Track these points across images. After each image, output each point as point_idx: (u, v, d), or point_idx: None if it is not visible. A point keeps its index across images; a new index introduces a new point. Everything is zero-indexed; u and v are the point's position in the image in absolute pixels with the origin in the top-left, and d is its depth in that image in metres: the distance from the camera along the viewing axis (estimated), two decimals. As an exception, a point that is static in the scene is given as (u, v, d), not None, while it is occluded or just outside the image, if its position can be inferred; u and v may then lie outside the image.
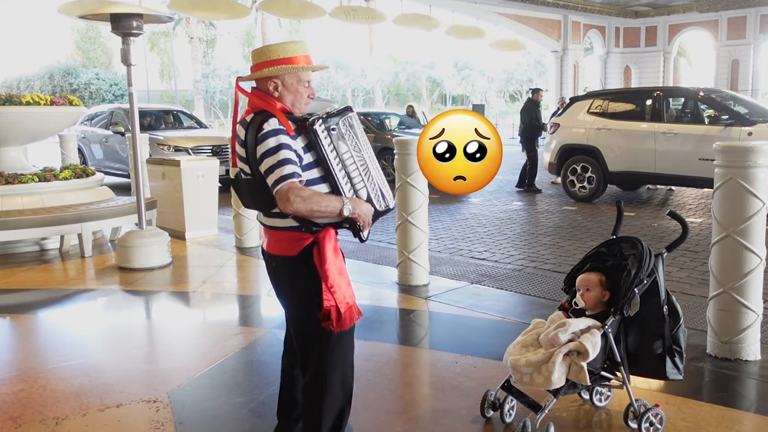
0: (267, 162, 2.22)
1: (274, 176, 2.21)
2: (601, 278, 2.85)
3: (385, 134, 13.40)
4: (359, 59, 48.95)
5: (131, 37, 5.70)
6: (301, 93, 2.40)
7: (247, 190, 2.41)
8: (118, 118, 13.20)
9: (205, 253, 6.74)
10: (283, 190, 2.19)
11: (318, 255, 2.33)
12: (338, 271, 2.36)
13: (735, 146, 3.53)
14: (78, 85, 39.82)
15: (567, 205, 9.77)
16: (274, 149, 2.22)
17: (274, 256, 2.43)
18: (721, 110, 9.19)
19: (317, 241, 2.33)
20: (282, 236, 2.37)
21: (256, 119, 2.29)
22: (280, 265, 2.43)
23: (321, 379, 2.40)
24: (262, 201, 2.34)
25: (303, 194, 2.21)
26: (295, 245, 2.35)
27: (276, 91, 2.37)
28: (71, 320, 4.78)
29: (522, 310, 4.69)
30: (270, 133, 2.23)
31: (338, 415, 2.44)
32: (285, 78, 2.37)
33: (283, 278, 2.46)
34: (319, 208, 2.23)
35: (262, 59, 2.37)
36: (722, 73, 27.18)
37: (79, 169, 7.49)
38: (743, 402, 3.20)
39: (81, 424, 3.01)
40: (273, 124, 2.25)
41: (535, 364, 2.63)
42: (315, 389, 2.42)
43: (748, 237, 3.46)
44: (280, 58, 2.35)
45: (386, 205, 2.46)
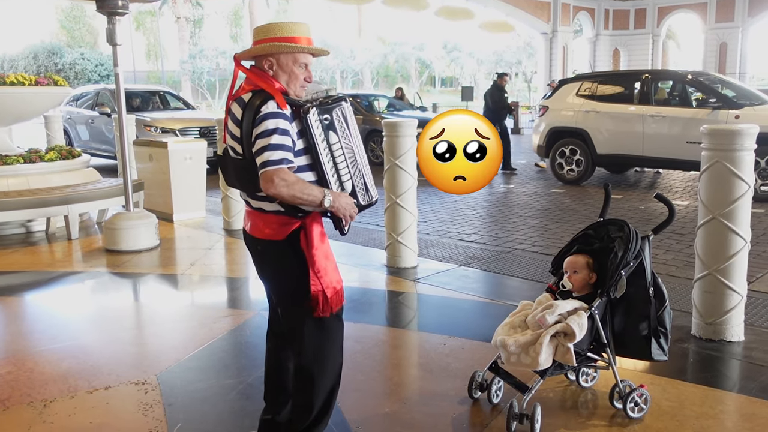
0: (259, 143, 2.20)
1: (263, 158, 2.18)
2: (588, 260, 2.87)
3: (374, 116, 13.35)
4: (348, 40, 48.66)
5: (117, 17, 5.62)
6: (297, 74, 2.35)
7: (234, 170, 2.38)
8: (104, 99, 13.05)
9: (193, 236, 6.72)
10: (269, 172, 2.17)
11: (305, 239, 2.32)
12: (325, 256, 2.35)
13: (721, 129, 3.55)
14: (63, 65, 39.31)
15: (555, 188, 9.81)
16: (270, 132, 2.19)
17: (259, 240, 2.40)
18: (708, 93, 9.22)
19: (304, 226, 2.32)
20: (268, 219, 2.35)
21: (254, 100, 2.25)
22: (265, 249, 2.41)
23: (311, 362, 2.40)
24: (250, 182, 2.31)
25: (288, 179, 2.18)
26: (282, 229, 2.33)
27: (270, 70, 2.33)
28: (58, 303, 4.76)
29: (510, 292, 4.72)
30: (268, 116, 2.20)
31: (327, 397, 2.45)
32: (280, 57, 2.33)
33: (269, 262, 2.44)
34: (301, 195, 2.21)
35: (262, 36, 2.34)
36: (710, 56, 27.27)
37: (65, 151, 7.41)
38: (726, 382, 3.25)
39: (69, 407, 3.01)
40: (271, 106, 2.21)
41: (523, 345, 2.65)
42: (305, 372, 2.42)
43: (733, 219, 3.49)
44: (278, 36, 2.31)
45: (370, 199, 2.46)
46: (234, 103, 2.33)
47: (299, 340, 2.41)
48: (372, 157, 13.01)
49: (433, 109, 21.37)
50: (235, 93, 2.36)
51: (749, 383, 3.16)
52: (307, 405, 2.42)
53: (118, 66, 5.82)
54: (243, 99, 2.29)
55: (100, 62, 39.58)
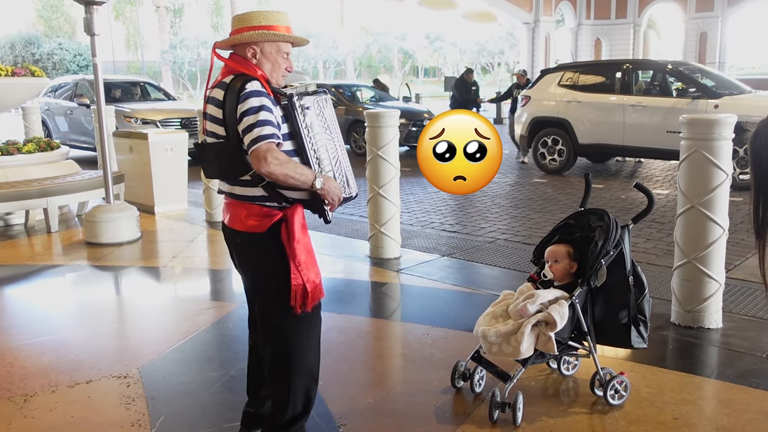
0: (247, 120, 2.17)
1: (253, 135, 2.15)
2: (569, 250, 2.89)
3: (357, 107, 13.31)
4: (330, 30, 48.36)
5: (94, 6, 5.54)
6: (279, 63, 2.36)
7: (216, 155, 2.34)
8: (83, 90, 12.88)
9: (175, 228, 6.67)
10: (262, 149, 2.14)
11: (286, 232, 2.30)
12: (306, 249, 2.34)
13: (700, 119, 3.58)
14: (41, 55, 38.70)
15: (537, 178, 9.86)
16: (256, 108, 2.17)
17: (239, 233, 2.37)
18: (688, 83, 9.29)
19: (286, 218, 2.30)
20: (249, 211, 2.32)
21: (236, 81, 2.23)
22: (246, 242, 2.38)
23: (286, 358, 2.38)
24: (233, 166, 2.28)
25: (280, 157, 2.17)
26: (263, 221, 2.31)
27: (254, 58, 2.32)
28: (38, 297, 4.71)
29: (492, 282, 4.75)
30: (253, 93, 2.19)
31: (306, 392, 2.43)
32: (264, 45, 2.32)
33: (249, 255, 2.41)
34: (294, 174, 2.20)
35: (243, 24, 2.32)
36: (690, 46, 27.46)
37: (44, 143, 7.31)
38: (705, 369, 3.30)
39: (50, 401, 2.98)
40: (256, 85, 2.21)
41: (504, 334, 2.67)
42: (280, 368, 2.40)
43: (711, 208, 3.53)
44: (261, 24, 2.30)
45: (350, 193, 2.46)
46: (215, 88, 2.31)
47: (277, 334, 2.39)
48: (355, 148, 12.98)
49: (416, 100, 21.34)
50: (216, 80, 2.34)
51: (727, 369, 3.21)
52: (286, 398, 2.41)
53: (96, 56, 5.75)
54: (224, 82, 2.28)
55: (78, 52, 39.01)
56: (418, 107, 14.96)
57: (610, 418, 2.76)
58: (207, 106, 2.34)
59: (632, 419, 2.73)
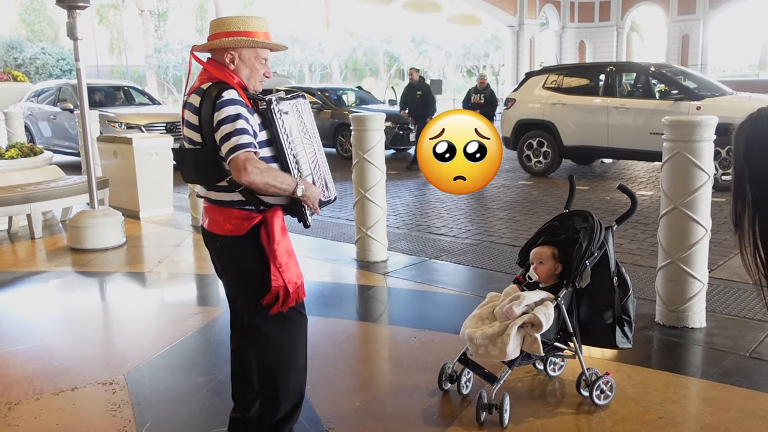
0: (224, 129, 2.17)
1: (231, 144, 2.16)
2: (554, 251, 2.91)
3: (343, 110, 13.30)
4: (316, 33, 48.29)
5: (77, 10, 5.51)
6: (257, 69, 2.36)
7: (193, 160, 2.34)
8: (67, 95, 12.77)
9: (161, 233, 6.64)
10: (240, 159, 2.15)
11: (266, 234, 2.30)
12: (286, 251, 2.33)
13: (682, 121, 3.62)
14: (23, 59, 38.29)
15: (523, 180, 9.91)
16: (233, 117, 2.17)
17: (218, 236, 2.36)
18: (671, 85, 9.39)
19: (265, 221, 2.30)
20: (228, 215, 2.31)
21: (213, 88, 2.24)
22: (225, 246, 2.37)
23: (274, 358, 2.38)
24: (210, 172, 2.28)
25: (260, 166, 2.17)
26: (242, 224, 2.30)
27: (232, 64, 2.32)
28: (22, 303, 4.66)
29: (479, 284, 4.76)
30: (229, 102, 2.19)
31: (295, 392, 2.44)
32: (243, 51, 2.33)
33: (229, 259, 2.40)
34: (275, 182, 2.21)
35: (221, 30, 2.32)
36: (673, 48, 27.74)
37: (27, 148, 7.26)
38: (689, 368, 3.33)
39: (35, 409, 2.96)
40: (232, 93, 2.22)
41: (491, 336, 2.69)
42: (269, 369, 2.40)
43: (694, 209, 3.57)
44: (240, 30, 2.30)
45: (329, 197, 2.47)
46: (193, 94, 2.30)
47: (261, 337, 2.38)
48: (341, 151, 12.97)
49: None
50: (193, 85, 2.34)
51: (711, 368, 3.25)
52: (274, 402, 2.41)
53: (79, 61, 5.71)
54: (201, 88, 2.28)
55: (61, 57, 38.65)
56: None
57: (596, 418, 2.78)
58: (185, 112, 2.34)
59: (618, 419, 2.76)
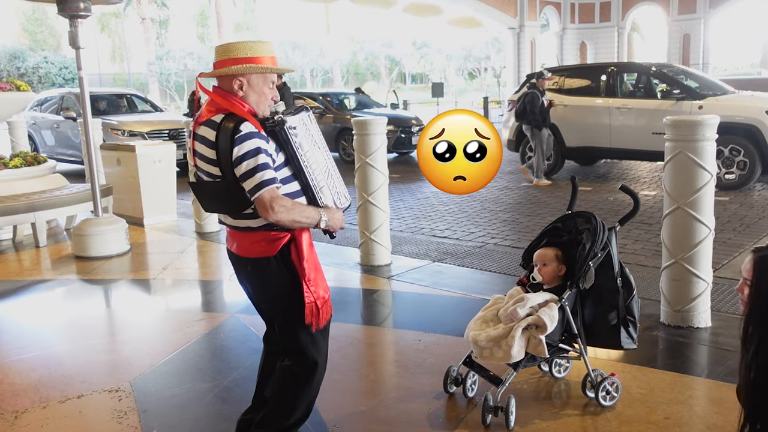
0: (245, 165, 2.16)
1: (254, 181, 2.15)
2: (557, 253, 2.91)
3: (344, 114, 13.33)
4: (317, 39, 48.43)
5: (79, 19, 5.54)
6: (266, 94, 2.34)
7: (214, 193, 2.33)
8: (69, 103, 12.82)
9: (165, 240, 6.65)
10: (266, 198, 2.15)
11: (296, 252, 2.31)
12: (315, 267, 2.36)
13: (684, 120, 3.62)
14: (26, 69, 38.46)
15: (526, 182, 9.90)
16: (253, 152, 2.16)
17: (248, 259, 2.36)
18: (672, 85, 9.38)
19: (294, 238, 2.31)
20: (257, 237, 2.32)
21: (228, 123, 2.20)
22: (256, 268, 2.36)
23: (302, 370, 2.39)
24: (234, 203, 2.27)
25: (286, 204, 2.19)
26: (273, 245, 2.30)
27: (240, 90, 2.30)
28: (28, 312, 4.68)
29: (483, 286, 4.76)
30: (247, 136, 2.17)
31: (308, 404, 2.45)
32: (251, 77, 2.30)
33: (261, 280, 2.39)
34: (301, 219, 2.23)
35: (228, 56, 2.29)
36: (674, 48, 27.71)
37: (30, 157, 7.28)
38: (695, 368, 3.32)
39: (41, 417, 2.96)
40: (248, 127, 2.19)
41: (495, 338, 2.69)
42: (294, 378, 2.40)
43: (697, 208, 3.56)
44: (247, 56, 2.28)
45: (346, 202, 2.50)
46: (203, 126, 2.26)
47: (296, 351, 2.39)
48: (344, 156, 13.00)
49: (404, 106, 21.39)
50: (200, 116, 2.31)
51: (717, 368, 3.24)
52: (291, 406, 2.41)
53: (82, 69, 5.73)
54: (214, 121, 2.24)
55: (64, 65, 38.79)
56: (406, 114, 15.00)
57: (602, 419, 2.77)
58: (195, 144, 2.30)
59: (624, 420, 2.75)
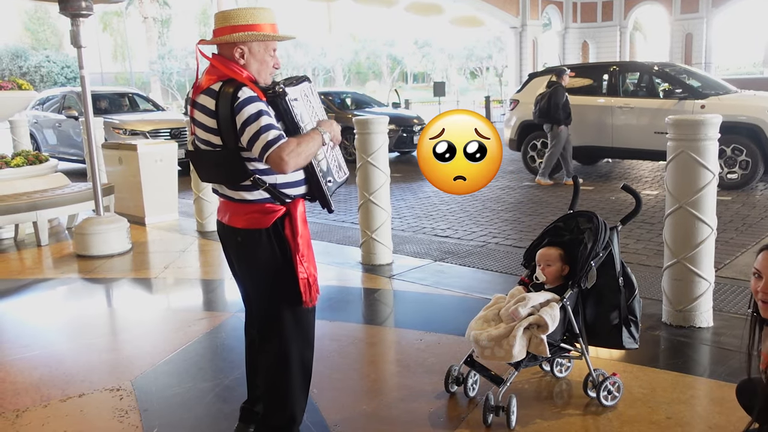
0: (250, 130, 2.14)
1: (261, 143, 2.13)
2: (561, 253, 2.90)
3: (346, 113, 13.33)
4: (318, 38, 48.46)
5: (81, 18, 5.53)
6: (267, 62, 2.32)
7: (214, 162, 2.30)
8: (71, 102, 12.83)
9: (166, 238, 6.65)
10: (275, 155, 2.12)
11: (290, 226, 2.29)
12: (306, 243, 2.34)
13: (686, 120, 3.61)
14: (28, 68, 38.53)
15: (527, 181, 9.89)
16: (255, 116, 2.14)
17: (240, 230, 2.32)
18: (675, 84, 9.35)
19: (289, 212, 2.30)
20: (252, 208, 2.29)
21: (227, 89, 2.19)
22: (247, 239, 2.33)
23: (283, 356, 2.38)
24: (233, 174, 2.25)
25: (293, 148, 2.15)
26: (268, 217, 2.28)
27: (242, 58, 2.28)
28: (29, 311, 4.68)
29: (484, 286, 4.75)
30: (246, 101, 2.15)
31: (301, 392, 2.44)
32: (253, 45, 2.28)
33: (250, 253, 2.35)
34: (310, 151, 2.22)
35: (228, 23, 2.27)
36: (676, 47, 27.69)
37: (32, 156, 7.28)
38: (697, 367, 3.32)
39: (42, 416, 2.96)
40: (247, 92, 2.18)
41: (496, 338, 2.68)
42: (277, 367, 2.40)
43: (699, 208, 3.55)
44: (248, 24, 2.26)
45: (344, 175, 2.51)
46: (202, 94, 2.25)
47: (271, 334, 2.38)
48: (345, 155, 13.00)
49: (406, 105, 21.38)
50: (199, 84, 2.29)
51: (718, 368, 3.23)
52: (284, 400, 2.41)
53: (83, 68, 5.73)
54: (213, 89, 2.22)
55: (66, 64, 38.86)
56: (408, 113, 15.00)
57: (604, 419, 2.77)
58: (195, 112, 2.28)
59: (625, 420, 2.74)
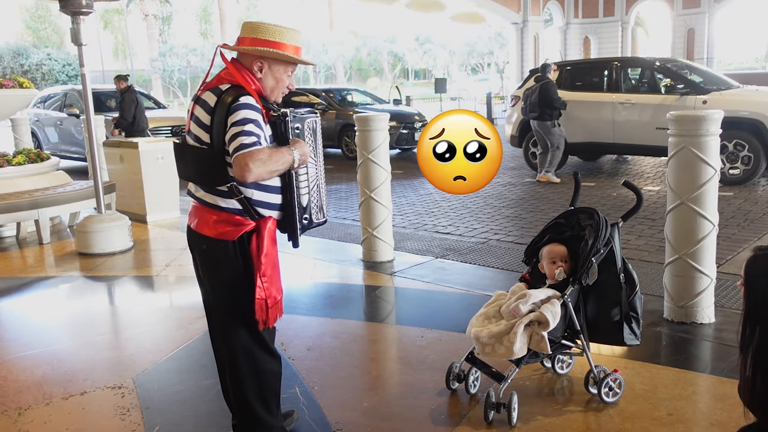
0: (233, 129, 2.13)
1: (236, 143, 2.11)
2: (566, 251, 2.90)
3: (347, 110, 13.32)
4: (320, 34, 48.38)
5: (81, 16, 5.53)
6: (283, 81, 2.33)
7: (196, 159, 2.30)
8: (73, 100, 12.84)
9: (168, 236, 6.66)
10: (242, 157, 2.09)
11: (256, 243, 2.26)
12: (273, 264, 2.30)
13: (687, 115, 3.60)
14: (29, 66, 38.51)
15: (529, 178, 9.88)
16: (244, 120, 2.14)
17: (206, 238, 2.30)
18: (676, 79, 9.33)
19: (258, 229, 2.26)
20: (222, 217, 2.27)
21: (231, 92, 2.20)
22: (211, 249, 2.30)
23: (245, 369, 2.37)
24: (212, 175, 2.24)
25: (261, 156, 2.11)
26: (236, 230, 2.26)
27: (260, 72, 2.29)
28: (31, 309, 4.69)
29: (486, 282, 4.75)
30: (244, 106, 2.16)
31: (255, 397, 2.40)
32: (273, 63, 2.29)
33: (213, 263, 2.33)
34: (278, 167, 2.18)
35: (255, 35, 2.27)
36: (678, 42, 27.59)
37: (33, 154, 7.29)
38: (698, 363, 3.31)
39: (44, 414, 2.97)
40: (249, 99, 2.18)
41: (497, 335, 2.68)
42: (230, 373, 2.40)
43: (701, 204, 3.55)
44: (274, 41, 2.26)
45: (323, 217, 2.46)
46: (208, 91, 2.26)
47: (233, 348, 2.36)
48: (346, 152, 12.99)
49: (407, 102, 21.35)
50: (209, 82, 2.29)
51: (720, 364, 3.23)
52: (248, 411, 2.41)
53: (84, 66, 5.74)
54: (219, 88, 2.23)
55: (67, 62, 38.84)
56: (409, 110, 14.98)
57: (605, 416, 2.76)
58: (195, 107, 2.28)
59: (627, 416, 2.74)
